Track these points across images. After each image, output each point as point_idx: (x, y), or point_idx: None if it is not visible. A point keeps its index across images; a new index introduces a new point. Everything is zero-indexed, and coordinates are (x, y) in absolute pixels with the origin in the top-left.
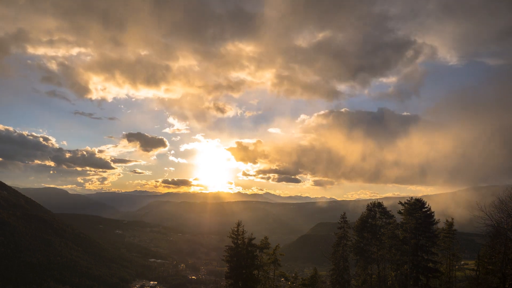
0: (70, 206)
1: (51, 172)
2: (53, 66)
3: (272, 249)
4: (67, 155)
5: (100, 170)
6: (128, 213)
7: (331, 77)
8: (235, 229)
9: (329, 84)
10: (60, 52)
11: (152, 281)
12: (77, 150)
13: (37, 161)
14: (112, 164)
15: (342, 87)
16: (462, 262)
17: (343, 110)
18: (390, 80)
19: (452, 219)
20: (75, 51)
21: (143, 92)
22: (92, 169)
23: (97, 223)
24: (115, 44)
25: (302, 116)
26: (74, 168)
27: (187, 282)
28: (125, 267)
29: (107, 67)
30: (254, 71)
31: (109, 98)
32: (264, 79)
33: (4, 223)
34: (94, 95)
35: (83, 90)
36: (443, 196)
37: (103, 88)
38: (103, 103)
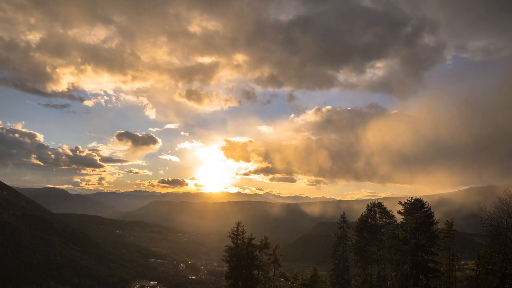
0: (70, 206)
1: (40, 170)
2: (2, 50)
3: (272, 249)
4: (52, 153)
5: (91, 169)
6: (128, 213)
7: (320, 61)
8: (235, 229)
9: (318, 70)
10: (7, 33)
11: (152, 281)
12: (58, 148)
13: (24, 160)
14: (105, 164)
15: (332, 74)
16: (462, 262)
17: (329, 107)
18: (387, 64)
19: (452, 219)
20: (22, 32)
21: (111, 80)
22: (80, 167)
23: (97, 223)
24: (65, 24)
25: (292, 115)
26: (65, 168)
27: (187, 282)
28: (125, 267)
29: (63, 51)
30: (230, 53)
31: (79, 88)
32: (241, 62)
33: (4, 223)
34: (59, 85)
35: (44, 77)
36: (443, 196)
37: (63, 73)
38: (72, 93)
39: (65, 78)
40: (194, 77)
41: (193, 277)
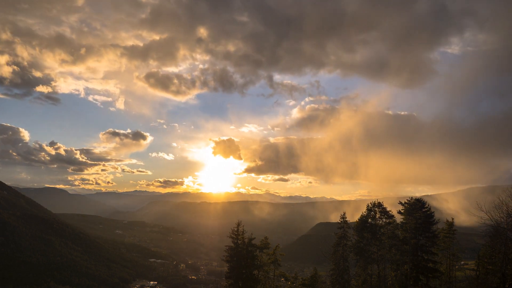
0: (70, 206)
1: (31, 169)
2: None
3: (272, 249)
4: (32, 150)
5: (81, 167)
6: (128, 213)
7: (299, 37)
8: (235, 229)
9: (298, 45)
10: None
11: (152, 281)
12: (33, 144)
13: (8, 157)
14: (99, 163)
15: (318, 53)
16: (462, 262)
17: (309, 106)
18: (379, 38)
19: (452, 219)
20: None
21: (56, 60)
22: (71, 166)
23: (97, 223)
24: None
25: (276, 109)
26: (54, 166)
27: (187, 282)
28: (125, 267)
29: None
30: (188, 28)
31: (26, 72)
32: (203, 37)
33: (4, 223)
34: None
35: None
36: (443, 196)
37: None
38: (24, 78)
39: (1, 60)
40: (151, 56)
41: (193, 277)
